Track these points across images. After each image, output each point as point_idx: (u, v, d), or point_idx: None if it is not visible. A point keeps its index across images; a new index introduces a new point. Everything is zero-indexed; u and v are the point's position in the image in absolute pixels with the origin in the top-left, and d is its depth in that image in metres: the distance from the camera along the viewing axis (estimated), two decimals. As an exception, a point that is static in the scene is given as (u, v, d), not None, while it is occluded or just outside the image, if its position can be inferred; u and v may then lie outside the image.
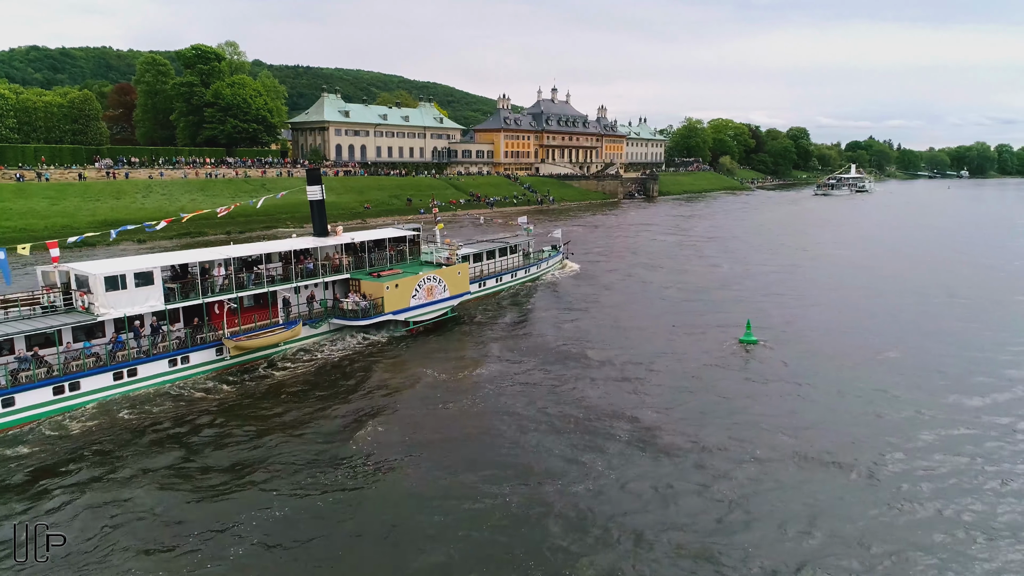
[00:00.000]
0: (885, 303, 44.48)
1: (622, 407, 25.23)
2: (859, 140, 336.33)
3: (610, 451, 21.64)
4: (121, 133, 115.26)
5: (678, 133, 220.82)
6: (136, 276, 26.51)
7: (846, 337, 35.87)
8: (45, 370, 23.86)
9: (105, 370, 25.34)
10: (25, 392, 23.13)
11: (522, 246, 49.38)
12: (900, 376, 29.40)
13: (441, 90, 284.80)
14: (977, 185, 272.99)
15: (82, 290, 26.29)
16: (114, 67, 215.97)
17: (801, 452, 21.83)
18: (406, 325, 35.08)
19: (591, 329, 36.86)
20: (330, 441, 22.34)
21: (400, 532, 17.24)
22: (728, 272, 55.82)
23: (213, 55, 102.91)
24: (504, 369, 29.71)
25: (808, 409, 25.74)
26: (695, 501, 18.91)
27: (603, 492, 19.24)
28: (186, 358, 27.73)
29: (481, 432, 23.14)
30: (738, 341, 33.44)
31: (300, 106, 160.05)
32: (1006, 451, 22.35)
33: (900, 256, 67.42)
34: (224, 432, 23.08)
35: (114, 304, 25.82)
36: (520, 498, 18.67)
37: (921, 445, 22.56)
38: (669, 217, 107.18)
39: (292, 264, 32.53)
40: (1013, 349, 33.56)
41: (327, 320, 33.47)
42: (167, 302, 27.52)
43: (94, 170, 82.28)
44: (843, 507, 18.82)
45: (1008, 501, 19.23)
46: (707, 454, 21.66)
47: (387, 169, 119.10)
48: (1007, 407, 26.06)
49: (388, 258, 38.21)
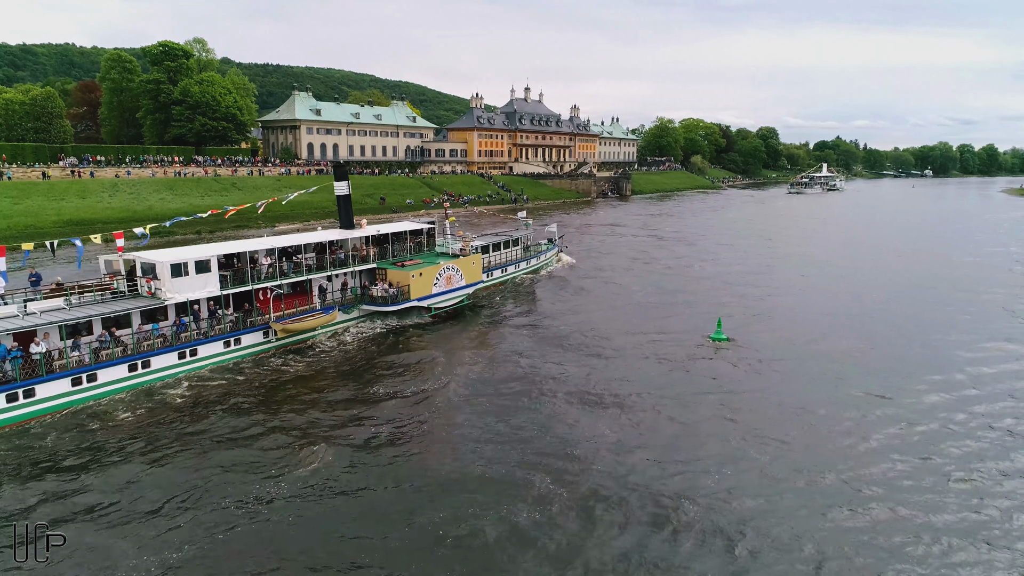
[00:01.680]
0: (868, 297, 45.42)
1: (609, 384, 27.71)
2: (827, 140, 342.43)
3: (590, 420, 23.00)
4: (86, 131, 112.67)
5: (650, 133, 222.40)
6: (196, 264, 28.96)
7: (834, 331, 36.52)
8: (121, 349, 26.37)
9: (171, 350, 27.79)
10: (106, 368, 25.71)
11: (523, 240, 51.86)
12: (863, 372, 30.04)
13: (413, 89, 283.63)
14: (940, 184, 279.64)
15: (148, 277, 28.61)
16: (77, 64, 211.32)
17: (759, 448, 22.17)
18: (428, 311, 37.97)
19: (589, 316, 39.21)
20: (371, 410, 24.81)
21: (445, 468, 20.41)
22: (715, 268, 56.79)
23: (181, 52, 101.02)
24: (515, 349, 32.53)
25: (771, 403, 26.18)
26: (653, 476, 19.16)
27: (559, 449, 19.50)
28: (238, 339, 30.32)
29: (503, 398, 26.15)
30: (708, 338, 33.87)
31: (271, 105, 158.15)
32: (967, 450, 22.89)
33: (874, 251, 68.87)
34: (275, 406, 25.25)
35: (178, 289, 28.32)
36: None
37: (875, 445, 22.84)
38: (644, 216, 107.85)
39: (326, 254, 35.42)
40: (982, 346, 34.48)
41: (358, 306, 36.16)
42: (222, 288, 29.98)
43: (58, 169, 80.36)
44: (783, 505, 19.02)
45: (962, 500, 19.69)
46: (668, 444, 22.21)
47: (360, 168, 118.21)
48: (975, 400, 26.75)
49: (408, 249, 40.73)
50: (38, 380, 23.84)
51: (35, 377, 23.77)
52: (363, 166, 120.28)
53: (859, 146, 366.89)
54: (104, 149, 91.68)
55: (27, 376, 23.61)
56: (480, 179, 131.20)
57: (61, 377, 24.47)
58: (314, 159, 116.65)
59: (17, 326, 24.06)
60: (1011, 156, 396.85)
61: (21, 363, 23.55)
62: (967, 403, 26.16)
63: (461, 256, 41.16)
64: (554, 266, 54.98)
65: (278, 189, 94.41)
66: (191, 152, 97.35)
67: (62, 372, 24.51)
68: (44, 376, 23.96)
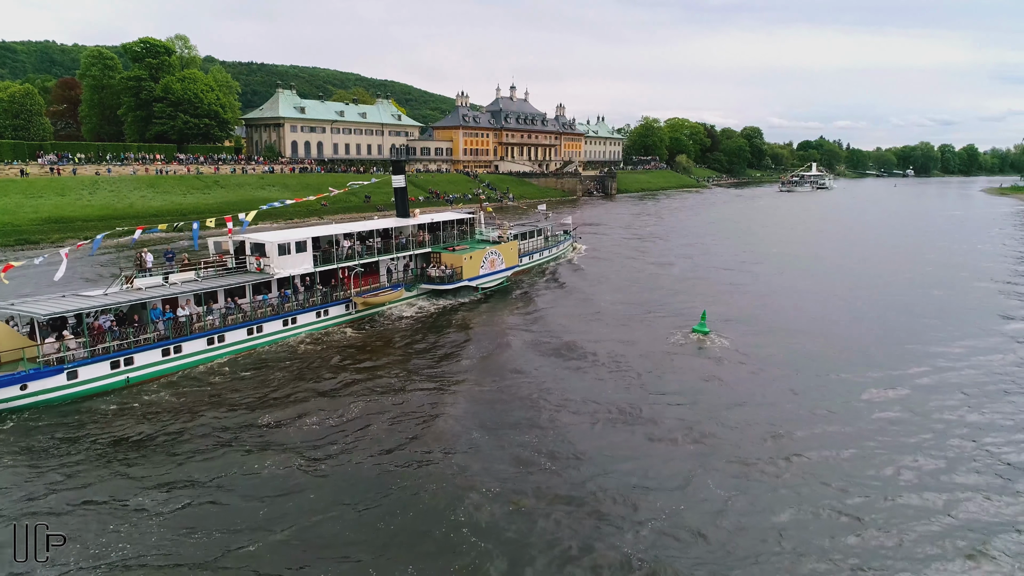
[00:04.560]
0: (860, 294, 45.97)
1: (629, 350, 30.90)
2: (810, 140, 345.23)
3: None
4: (66, 129, 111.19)
5: (635, 132, 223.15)
6: (296, 244, 33.95)
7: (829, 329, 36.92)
8: (241, 315, 30.94)
9: (277, 317, 32.36)
10: (232, 331, 30.14)
11: (545, 230, 57.07)
12: (839, 364, 30.38)
13: (399, 88, 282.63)
14: (922, 183, 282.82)
15: (257, 255, 33.50)
16: (58, 62, 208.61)
17: (734, 440, 22.45)
18: (476, 290, 42.98)
19: (603, 299, 43.46)
20: (442, 369, 29.05)
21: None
22: (712, 263, 57.78)
23: (162, 49, 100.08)
24: (552, 320, 37.63)
25: (749, 394, 26.44)
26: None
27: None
28: (327, 311, 34.93)
29: (543, 363, 30.30)
30: (692, 330, 34.08)
31: (255, 103, 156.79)
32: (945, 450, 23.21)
33: (862, 247, 69.76)
34: (358, 366, 29.28)
35: (282, 266, 33.27)
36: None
37: (848, 430, 23.22)
38: (630, 216, 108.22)
39: (391, 239, 40.43)
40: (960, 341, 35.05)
41: (417, 285, 41.27)
42: (314, 266, 34.84)
43: (37, 166, 79.32)
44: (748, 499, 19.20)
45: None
46: (646, 430, 22.59)
47: (344, 166, 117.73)
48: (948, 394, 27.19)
49: (454, 236, 45.79)
50: (185, 338, 28.31)
51: (182, 336, 28.21)
52: (347, 164, 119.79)
53: (842, 146, 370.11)
54: (84, 147, 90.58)
55: (177, 335, 28.11)
56: (466, 177, 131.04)
57: (200, 337, 28.97)
58: (298, 157, 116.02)
59: (165, 293, 28.60)
60: (991, 156, 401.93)
61: (171, 324, 28.20)
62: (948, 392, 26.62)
63: (501, 242, 46.59)
64: (570, 254, 60.62)
65: (261, 187, 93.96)
66: (173, 150, 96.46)
67: (200, 332, 29.01)
68: (188, 335, 28.41)
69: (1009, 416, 24.29)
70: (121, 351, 26.21)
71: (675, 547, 16.14)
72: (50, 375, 24.12)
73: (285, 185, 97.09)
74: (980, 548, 16.34)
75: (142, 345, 26.84)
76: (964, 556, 16.05)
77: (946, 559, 15.96)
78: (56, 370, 24.25)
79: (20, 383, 23.50)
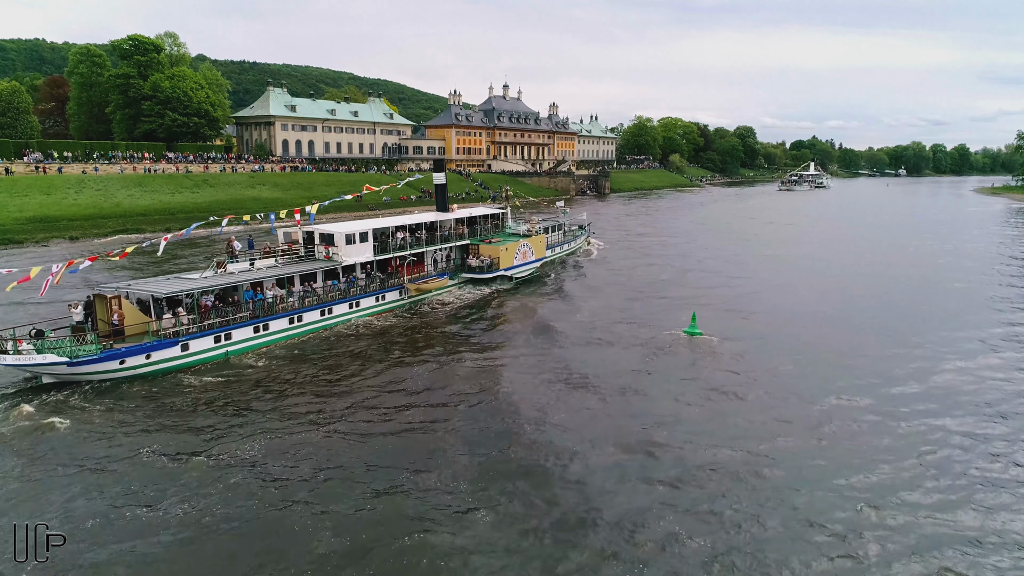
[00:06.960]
0: (858, 292, 45.82)
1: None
2: (803, 139, 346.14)
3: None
4: (54, 127, 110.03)
5: (628, 131, 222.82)
6: (360, 235, 37.51)
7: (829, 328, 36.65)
8: (315, 298, 34.21)
9: (343, 301, 35.65)
10: (308, 312, 33.48)
11: (563, 225, 61.24)
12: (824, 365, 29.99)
13: (391, 87, 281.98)
14: (914, 183, 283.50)
15: (326, 244, 36.99)
16: (48, 60, 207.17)
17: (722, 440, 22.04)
18: (511, 279, 46.39)
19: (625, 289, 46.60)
20: (492, 349, 31.88)
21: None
22: (710, 262, 57.46)
23: (151, 46, 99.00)
24: (578, 305, 41.04)
25: (737, 395, 26.02)
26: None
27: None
28: (384, 296, 38.38)
29: (574, 344, 33.01)
30: (683, 332, 33.66)
31: (247, 102, 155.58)
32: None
33: (856, 245, 69.57)
34: (416, 346, 32.11)
35: (349, 254, 36.76)
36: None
37: (839, 429, 22.85)
38: (623, 216, 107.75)
39: (435, 232, 43.76)
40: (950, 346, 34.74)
41: (458, 274, 45.15)
42: (374, 255, 38.29)
43: (22, 164, 78.24)
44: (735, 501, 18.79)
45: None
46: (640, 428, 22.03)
47: (336, 165, 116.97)
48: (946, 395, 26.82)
49: (488, 229, 49.66)
50: (271, 317, 31.66)
51: (269, 315, 31.51)
52: (339, 163, 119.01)
53: (835, 146, 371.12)
54: (72, 145, 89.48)
55: (265, 314, 31.40)
56: (458, 176, 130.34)
57: (283, 316, 32.22)
58: (289, 156, 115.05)
59: (253, 277, 32.15)
60: (982, 156, 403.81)
61: (261, 304, 31.51)
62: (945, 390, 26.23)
63: (531, 236, 50.61)
64: (586, 248, 65.22)
65: (252, 186, 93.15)
66: (162, 148, 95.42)
67: (283, 312, 32.28)
68: (274, 315, 31.74)
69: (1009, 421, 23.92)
70: (222, 327, 29.64)
71: (676, 547, 15.64)
72: (168, 346, 27.65)
73: (275, 184, 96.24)
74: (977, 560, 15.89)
75: (238, 322, 30.31)
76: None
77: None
78: (172, 342, 27.79)
79: (146, 353, 26.98)
